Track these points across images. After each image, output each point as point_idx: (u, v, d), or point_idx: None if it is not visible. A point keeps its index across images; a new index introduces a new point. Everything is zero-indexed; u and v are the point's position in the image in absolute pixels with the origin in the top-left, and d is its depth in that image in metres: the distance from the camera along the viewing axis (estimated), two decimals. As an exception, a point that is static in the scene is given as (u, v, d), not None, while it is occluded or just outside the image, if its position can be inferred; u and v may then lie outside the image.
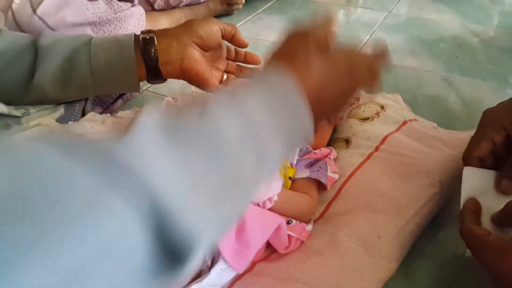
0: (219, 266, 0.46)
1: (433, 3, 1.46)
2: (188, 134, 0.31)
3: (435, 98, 0.93)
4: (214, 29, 0.68)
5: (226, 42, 0.75)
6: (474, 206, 0.50)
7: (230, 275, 0.48)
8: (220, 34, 0.70)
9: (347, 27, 1.28)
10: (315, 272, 0.52)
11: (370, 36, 1.21)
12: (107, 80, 0.64)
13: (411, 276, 0.56)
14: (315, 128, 0.39)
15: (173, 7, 1.15)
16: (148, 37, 0.64)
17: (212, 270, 0.45)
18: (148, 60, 0.64)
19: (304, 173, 0.60)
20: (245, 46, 0.75)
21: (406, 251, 0.56)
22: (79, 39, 0.64)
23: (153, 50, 0.64)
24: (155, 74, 0.66)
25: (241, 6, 1.30)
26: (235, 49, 0.75)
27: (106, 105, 0.79)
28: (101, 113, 0.75)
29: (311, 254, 0.54)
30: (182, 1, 1.15)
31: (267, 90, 0.37)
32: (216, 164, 0.31)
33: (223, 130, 0.32)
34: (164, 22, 1.12)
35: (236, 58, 0.76)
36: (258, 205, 0.51)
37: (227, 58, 0.75)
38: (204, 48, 0.68)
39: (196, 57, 0.67)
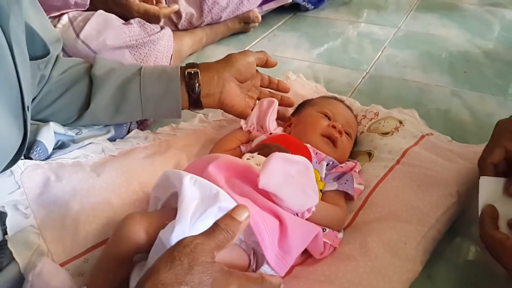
0: (263, 268, 0.52)
1: (439, 18, 1.52)
2: None
3: (447, 112, 0.99)
4: (250, 61, 0.75)
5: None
6: (492, 212, 0.56)
7: (272, 278, 0.53)
8: (255, 64, 0.76)
9: (357, 44, 1.35)
10: (348, 275, 0.57)
11: (382, 52, 1.28)
12: (154, 108, 0.71)
13: (433, 278, 0.61)
14: None
15: (195, 27, 1.22)
16: (193, 72, 0.70)
17: (257, 272, 0.51)
18: (191, 92, 0.70)
19: (333, 186, 0.66)
20: (275, 65, 0.81)
21: (428, 255, 0.62)
22: (130, 69, 0.71)
23: (197, 84, 0.70)
24: (196, 104, 0.72)
25: (257, 24, 1.36)
26: (268, 77, 0.81)
27: (141, 121, 0.86)
28: (137, 128, 0.82)
29: (343, 259, 0.60)
30: (204, 21, 1.22)
31: None
32: None
33: None
34: (187, 40, 1.19)
35: (270, 86, 0.82)
36: (297, 215, 0.57)
37: (260, 85, 0.81)
38: (241, 80, 0.75)
39: (234, 91, 0.74)
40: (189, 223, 0.45)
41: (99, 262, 0.51)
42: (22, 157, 0.60)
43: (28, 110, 0.55)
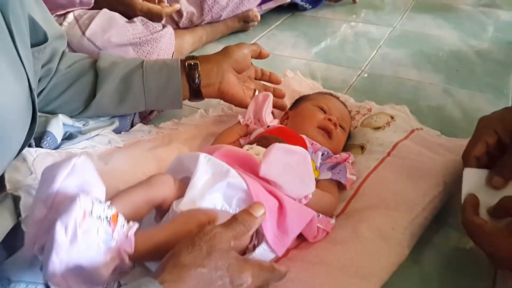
0: (263, 246, 0.56)
1: (434, 19, 1.56)
2: None
3: (438, 108, 1.03)
4: (245, 52, 0.79)
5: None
6: (473, 200, 0.60)
7: (269, 256, 0.57)
8: (250, 56, 0.80)
9: (354, 43, 1.39)
10: (339, 258, 0.61)
11: (377, 51, 1.32)
12: (156, 98, 0.75)
13: (420, 262, 0.65)
14: None
15: (196, 25, 1.26)
16: (193, 63, 0.74)
17: (257, 249, 0.55)
18: (192, 82, 0.75)
19: (327, 175, 0.70)
20: (268, 56, 0.85)
21: (415, 240, 0.66)
22: (132, 62, 0.75)
23: (197, 75, 0.74)
24: (197, 95, 0.76)
25: (256, 23, 1.40)
26: (261, 69, 0.86)
27: (144, 116, 0.89)
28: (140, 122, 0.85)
29: (336, 243, 0.64)
30: (204, 20, 1.25)
31: None
32: None
33: None
34: (188, 38, 1.23)
35: (262, 78, 0.86)
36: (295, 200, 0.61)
37: (254, 78, 0.85)
38: (238, 70, 0.79)
39: (232, 80, 0.78)
40: (198, 194, 0.49)
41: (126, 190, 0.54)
42: (34, 146, 0.64)
43: (34, 91, 0.58)
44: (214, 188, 0.51)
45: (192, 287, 0.42)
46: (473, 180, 0.63)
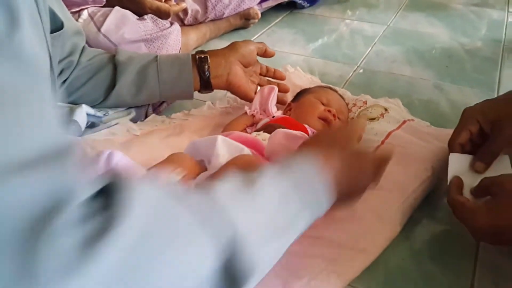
0: None
1: (426, 17, 1.63)
2: (256, 189, 0.42)
3: (429, 102, 1.10)
4: (252, 48, 0.86)
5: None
6: (458, 182, 0.67)
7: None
8: (256, 52, 0.87)
9: (350, 40, 1.45)
10: (337, 233, 0.68)
11: (372, 48, 1.39)
12: (170, 90, 0.81)
13: (410, 239, 0.72)
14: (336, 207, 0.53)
15: (200, 23, 1.32)
16: (203, 56, 0.81)
17: None
18: (202, 74, 0.81)
19: None
20: (273, 55, 0.92)
21: (406, 219, 0.73)
22: (147, 57, 0.81)
23: (206, 67, 0.81)
24: (207, 86, 0.83)
25: (257, 20, 1.47)
26: (266, 66, 0.92)
27: (155, 107, 0.96)
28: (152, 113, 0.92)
29: (335, 221, 0.70)
30: (208, 18, 1.32)
31: (298, 174, 0.48)
32: (275, 212, 0.43)
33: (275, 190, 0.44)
34: (193, 35, 1.29)
35: (267, 74, 0.93)
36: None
37: (260, 74, 0.92)
38: (245, 64, 0.86)
39: (239, 73, 0.84)
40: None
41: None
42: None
43: (55, 71, 0.62)
44: None
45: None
46: (458, 164, 0.70)
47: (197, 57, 0.82)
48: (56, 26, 0.69)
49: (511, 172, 0.68)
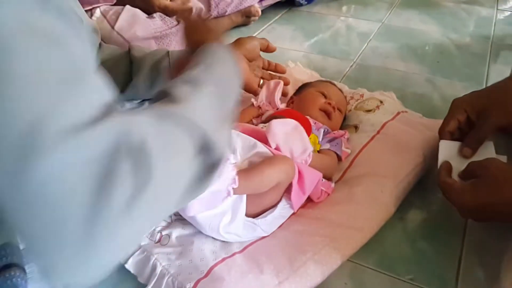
0: (283, 203, 0.69)
1: (419, 14, 1.70)
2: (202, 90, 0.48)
3: (421, 95, 1.17)
4: (255, 43, 0.92)
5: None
6: (447, 166, 0.74)
7: (288, 212, 0.71)
8: (259, 47, 0.93)
9: (346, 36, 1.52)
10: (337, 215, 0.75)
11: (367, 44, 1.45)
12: None
13: (404, 219, 0.79)
14: None
15: (204, 20, 1.38)
16: None
17: (278, 205, 0.69)
18: None
19: (326, 146, 0.84)
20: (275, 50, 0.98)
21: (400, 201, 0.79)
22: (160, 52, 0.87)
23: None
24: None
25: (257, 18, 1.53)
26: (268, 61, 0.98)
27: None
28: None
29: (335, 203, 0.77)
30: (211, 15, 1.37)
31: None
32: (221, 103, 0.50)
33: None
34: (197, 32, 1.34)
35: (269, 68, 0.99)
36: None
37: (262, 68, 0.98)
38: (249, 59, 0.92)
39: (244, 66, 0.90)
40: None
41: None
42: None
43: None
44: (245, 157, 0.65)
45: None
46: (447, 150, 0.77)
47: None
48: None
49: (495, 157, 0.74)
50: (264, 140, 0.73)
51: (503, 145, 0.82)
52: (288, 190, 0.71)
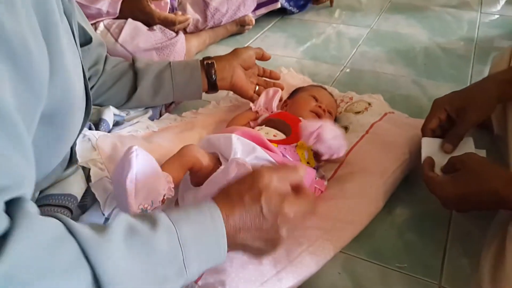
0: None
1: (406, 19, 1.77)
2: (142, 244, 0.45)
3: (408, 96, 1.23)
4: (251, 53, 0.98)
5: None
6: (430, 161, 0.80)
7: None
8: (255, 57, 0.99)
9: (336, 42, 1.58)
10: (330, 209, 0.80)
11: (357, 49, 1.52)
12: (182, 91, 0.93)
13: (392, 213, 0.85)
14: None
15: (200, 30, 1.45)
16: (210, 62, 0.93)
17: None
18: (209, 77, 0.93)
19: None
20: (269, 58, 1.04)
21: (388, 196, 0.85)
22: (162, 64, 0.93)
23: (213, 71, 0.93)
24: (213, 87, 0.95)
25: (251, 26, 1.59)
26: (263, 68, 1.05)
27: (166, 107, 1.08)
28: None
29: (328, 199, 0.83)
30: (207, 25, 1.44)
31: (200, 224, 0.50)
32: (153, 270, 0.45)
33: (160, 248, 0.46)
34: (194, 42, 1.41)
35: (264, 75, 1.05)
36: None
37: (258, 75, 1.04)
38: (245, 68, 0.98)
39: (241, 75, 0.97)
40: None
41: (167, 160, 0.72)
42: (94, 129, 0.82)
43: (87, 79, 0.70)
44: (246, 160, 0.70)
45: (235, 207, 0.53)
46: (429, 146, 0.83)
47: (205, 62, 0.94)
48: (86, 40, 0.81)
49: (474, 151, 0.80)
50: (262, 144, 0.79)
51: (482, 140, 0.88)
52: None
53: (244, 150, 0.72)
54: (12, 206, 0.39)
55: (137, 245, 0.45)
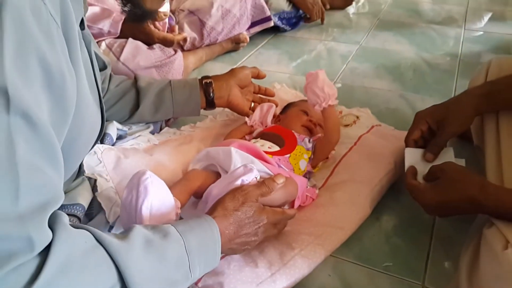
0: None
1: (394, 36, 1.84)
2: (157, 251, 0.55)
3: (395, 110, 1.29)
4: (247, 72, 1.05)
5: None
6: (412, 170, 0.85)
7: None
8: (251, 75, 1.06)
9: (327, 58, 1.65)
10: (321, 216, 0.86)
11: (346, 65, 1.58)
12: (181, 108, 0.99)
13: (379, 219, 0.90)
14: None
15: (197, 48, 1.51)
16: (208, 81, 0.99)
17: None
18: (207, 96, 0.99)
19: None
20: (264, 77, 1.10)
21: (375, 203, 0.91)
22: (163, 82, 0.99)
23: (211, 90, 0.99)
24: (211, 105, 1.01)
25: (246, 44, 1.66)
26: (258, 85, 1.11)
27: (165, 121, 1.13)
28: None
29: (318, 206, 0.88)
30: (204, 43, 1.50)
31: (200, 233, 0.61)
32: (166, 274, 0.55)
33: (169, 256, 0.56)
34: (191, 59, 1.47)
35: (259, 92, 1.12)
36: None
37: (253, 92, 1.10)
38: (241, 86, 1.04)
39: (237, 94, 1.03)
40: None
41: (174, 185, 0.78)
42: (99, 143, 0.87)
43: (103, 103, 0.76)
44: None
45: (230, 222, 0.67)
46: (412, 156, 0.88)
47: (203, 81, 1.00)
48: (99, 65, 0.86)
49: (454, 160, 0.86)
50: (258, 155, 0.85)
51: (463, 150, 0.95)
52: None
53: (243, 163, 0.77)
54: (51, 218, 0.47)
55: (153, 253, 0.54)
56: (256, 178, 0.74)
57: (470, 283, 0.68)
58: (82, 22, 0.64)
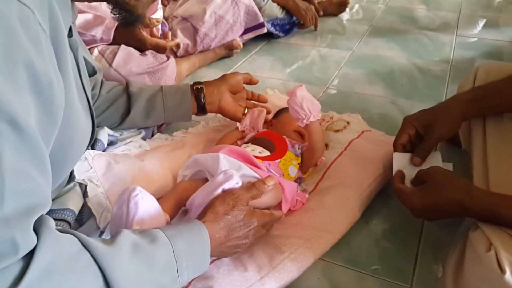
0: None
1: (386, 42, 1.86)
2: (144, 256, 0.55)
3: (386, 115, 1.30)
4: (239, 78, 1.06)
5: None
6: (400, 174, 0.87)
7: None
8: (242, 82, 1.07)
9: (320, 65, 1.66)
10: (310, 220, 0.87)
11: (339, 71, 1.60)
12: (173, 114, 1.00)
13: (368, 223, 0.91)
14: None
15: (190, 54, 1.52)
16: (199, 87, 1.00)
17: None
18: (199, 101, 1.00)
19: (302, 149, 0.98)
20: (257, 83, 1.11)
21: (365, 207, 0.92)
22: (154, 88, 1.00)
23: (202, 95, 1.00)
24: (202, 110, 1.02)
25: (239, 50, 1.67)
26: (251, 92, 1.12)
27: (157, 127, 1.14)
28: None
29: (308, 210, 0.89)
30: (197, 50, 1.52)
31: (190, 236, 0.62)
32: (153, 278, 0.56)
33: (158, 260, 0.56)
34: (184, 65, 1.48)
35: (252, 98, 1.13)
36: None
37: (246, 98, 1.11)
38: (233, 92, 1.05)
39: (229, 99, 1.04)
40: None
41: (164, 197, 0.79)
42: (90, 148, 0.88)
43: (93, 109, 0.76)
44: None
45: (221, 226, 0.67)
46: (400, 161, 0.90)
47: (194, 87, 1.01)
48: (90, 71, 0.87)
49: (441, 165, 0.88)
50: (248, 160, 0.86)
51: (452, 154, 0.96)
52: None
53: (231, 168, 0.78)
54: (37, 222, 0.48)
55: (140, 257, 0.55)
56: (237, 184, 0.75)
57: (455, 284, 0.69)
58: (70, 29, 0.65)
